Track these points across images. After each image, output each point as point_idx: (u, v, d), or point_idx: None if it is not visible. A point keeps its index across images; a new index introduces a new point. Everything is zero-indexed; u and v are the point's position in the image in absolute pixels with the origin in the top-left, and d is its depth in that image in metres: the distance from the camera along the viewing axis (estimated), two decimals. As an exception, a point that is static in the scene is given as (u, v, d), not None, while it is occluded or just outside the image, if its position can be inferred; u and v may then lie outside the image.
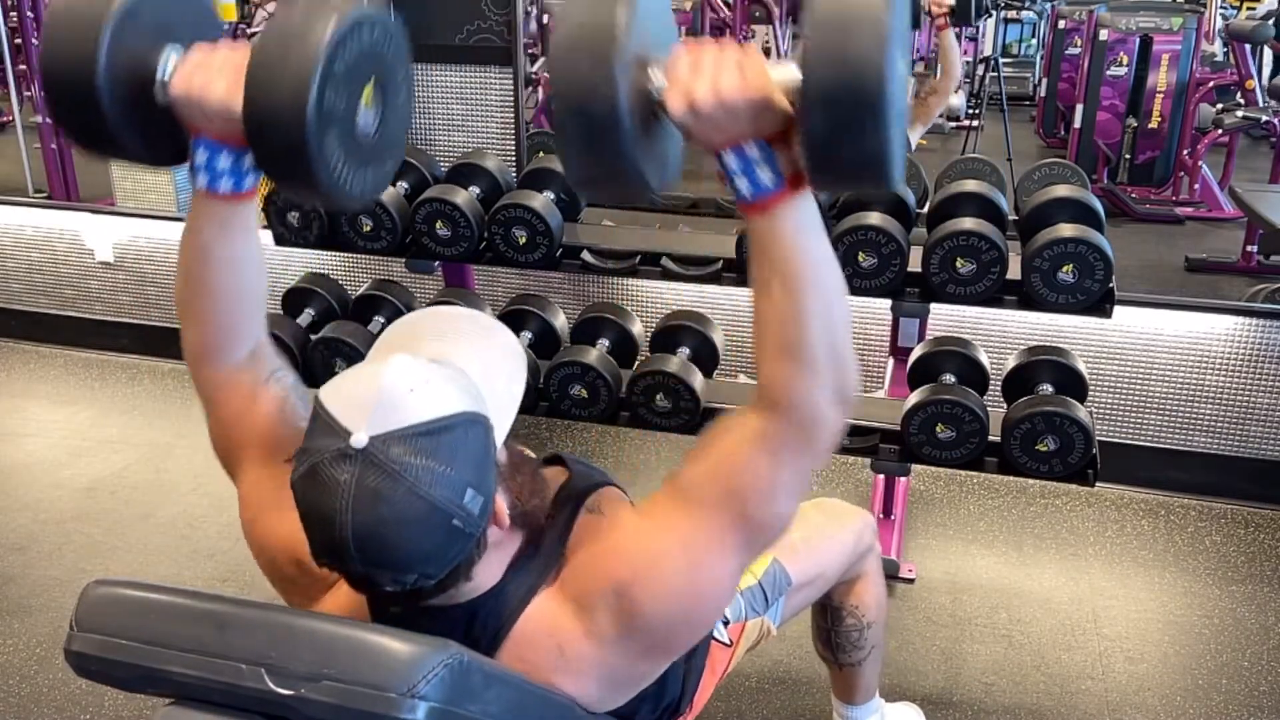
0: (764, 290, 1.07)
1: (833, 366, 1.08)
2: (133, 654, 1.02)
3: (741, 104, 0.98)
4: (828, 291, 1.07)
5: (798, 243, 1.05)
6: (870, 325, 3.21)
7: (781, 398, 1.08)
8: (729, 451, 1.12)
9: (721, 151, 1.02)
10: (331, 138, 1.06)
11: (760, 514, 1.12)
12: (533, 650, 1.12)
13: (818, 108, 0.93)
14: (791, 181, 1.03)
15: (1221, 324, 2.96)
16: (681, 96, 0.99)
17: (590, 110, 0.97)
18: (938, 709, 2.19)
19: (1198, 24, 6.29)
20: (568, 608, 1.13)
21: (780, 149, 1.02)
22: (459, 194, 2.55)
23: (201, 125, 1.12)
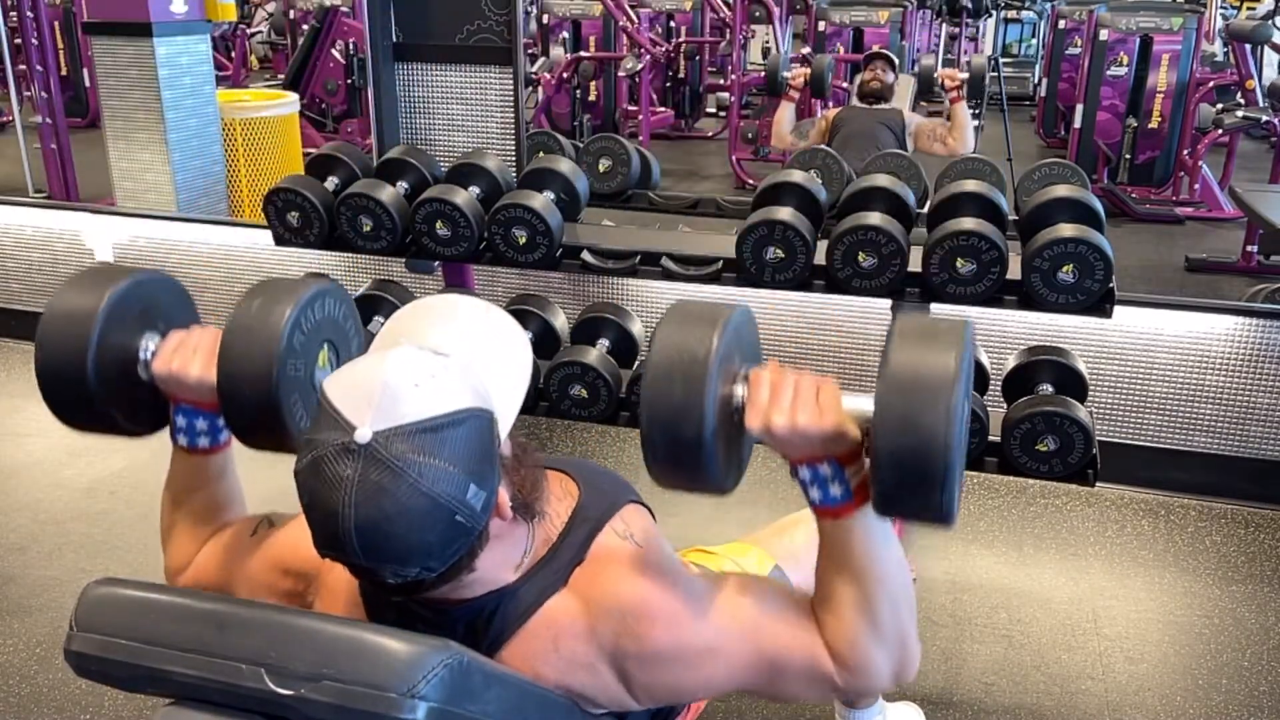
0: (830, 581, 1.15)
1: (899, 647, 1.15)
2: (133, 654, 1.02)
3: (814, 432, 1.07)
4: (894, 588, 1.14)
5: (866, 549, 1.13)
6: (870, 325, 3.21)
7: (848, 652, 1.14)
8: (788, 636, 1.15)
9: (796, 466, 1.11)
10: (294, 399, 1.20)
11: (774, 689, 1.18)
12: (531, 644, 1.12)
13: (887, 466, 1.01)
14: (859, 494, 1.10)
15: (1221, 324, 2.96)
16: (760, 419, 1.08)
17: (680, 432, 1.06)
18: (938, 709, 2.19)
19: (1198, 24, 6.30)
20: (576, 607, 1.13)
21: (850, 467, 1.10)
22: (459, 194, 2.55)
23: (180, 396, 1.27)
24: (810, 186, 2.45)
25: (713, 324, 1.08)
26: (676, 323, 1.10)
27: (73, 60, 8.49)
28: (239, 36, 9.52)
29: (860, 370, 3.29)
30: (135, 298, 1.27)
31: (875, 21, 7.35)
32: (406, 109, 3.12)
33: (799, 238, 2.30)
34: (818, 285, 2.37)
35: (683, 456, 1.07)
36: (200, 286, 3.89)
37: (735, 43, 7.15)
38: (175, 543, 1.38)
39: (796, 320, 3.29)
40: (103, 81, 4.39)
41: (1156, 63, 6.23)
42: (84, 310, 1.23)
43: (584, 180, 2.71)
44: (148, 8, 4.20)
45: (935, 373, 1.00)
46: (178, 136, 4.35)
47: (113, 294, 1.24)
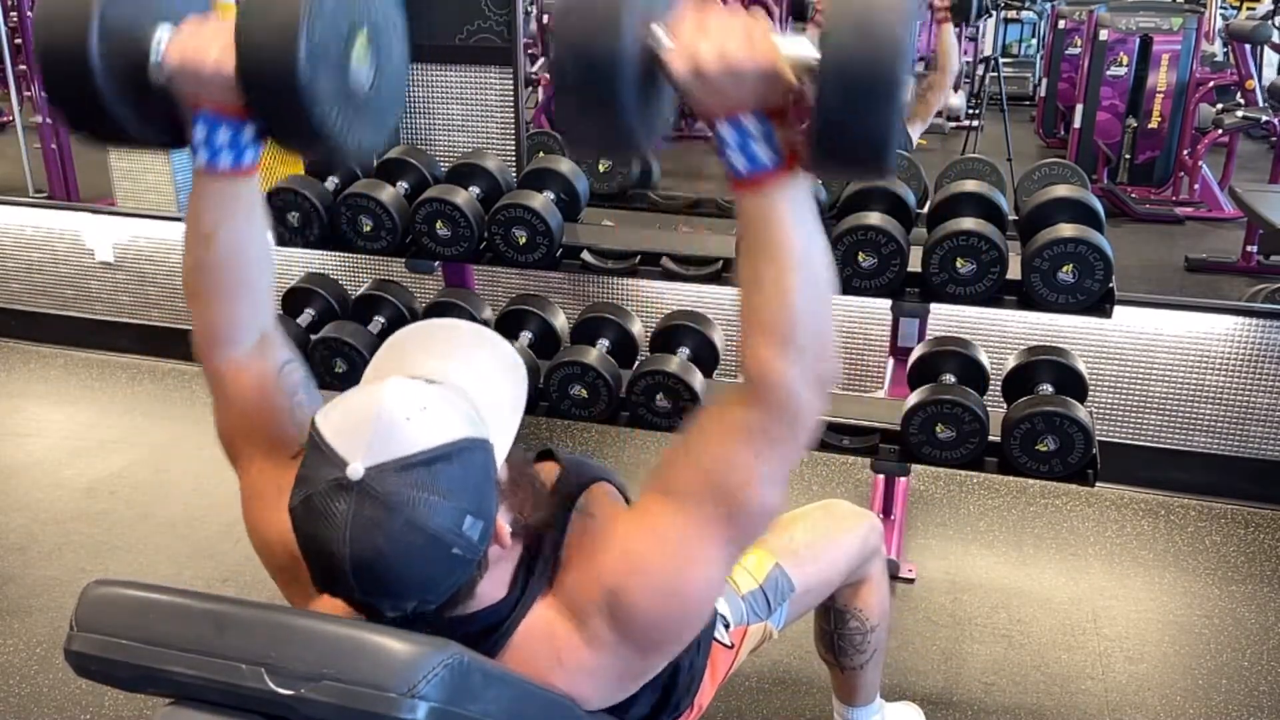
0: (751, 271, 1.06)
1: (815, 350, 1.07)
2: (133, 654, 1.02)
3: (747, 70, 0.96)
4: (816, 274, 1.06)
5: (789, 223, 1.03)
6: (870, 325, 3.21)
7: (762, 381, 1.07)
8: (710, 445, 1.11)
9: (719, 122, 1.00)
10: (325, 82, 1.06)
11: (745, 506, 1.11)
12: (532, 657, 1.12)
13: (834, 82, 0.92)
14: (788, 160, 1.01)
15: (1221, 324, 2.96)
16: (686, 58, 0.97)
17: (594, 58, 0.96)
18: (938, 709, 2.19)
19: (1198, 24, 6.29)
20: (564, 616, 1.13)
21: (779, 126, 1.00)
22: (459, 194, 2.55)
23: (198, 96, 1.11)
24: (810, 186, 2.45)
25: None
26: None
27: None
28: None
29: (860, 370, 3.29)
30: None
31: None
32: (406, 109, 3.12)
33: (799, 238, 2.30)
34: (818, 285, 2.36)
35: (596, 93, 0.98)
36: (200, 286, 3.89)
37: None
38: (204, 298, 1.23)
39: (796, 320, 3.29)
40: (103, 81, 4.38)
41: (1156, 63, 6.22)
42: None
43: (584, 180, 2.71)
44: (148, 8, 4.20)
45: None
46: (178, 136, 4.34)
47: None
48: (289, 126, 1.10)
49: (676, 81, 0.99)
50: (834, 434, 2.50)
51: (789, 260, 1.03)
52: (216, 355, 1.26)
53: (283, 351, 1.30)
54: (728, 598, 1.58)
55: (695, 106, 1.00)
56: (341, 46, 1.10)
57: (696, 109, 1.00)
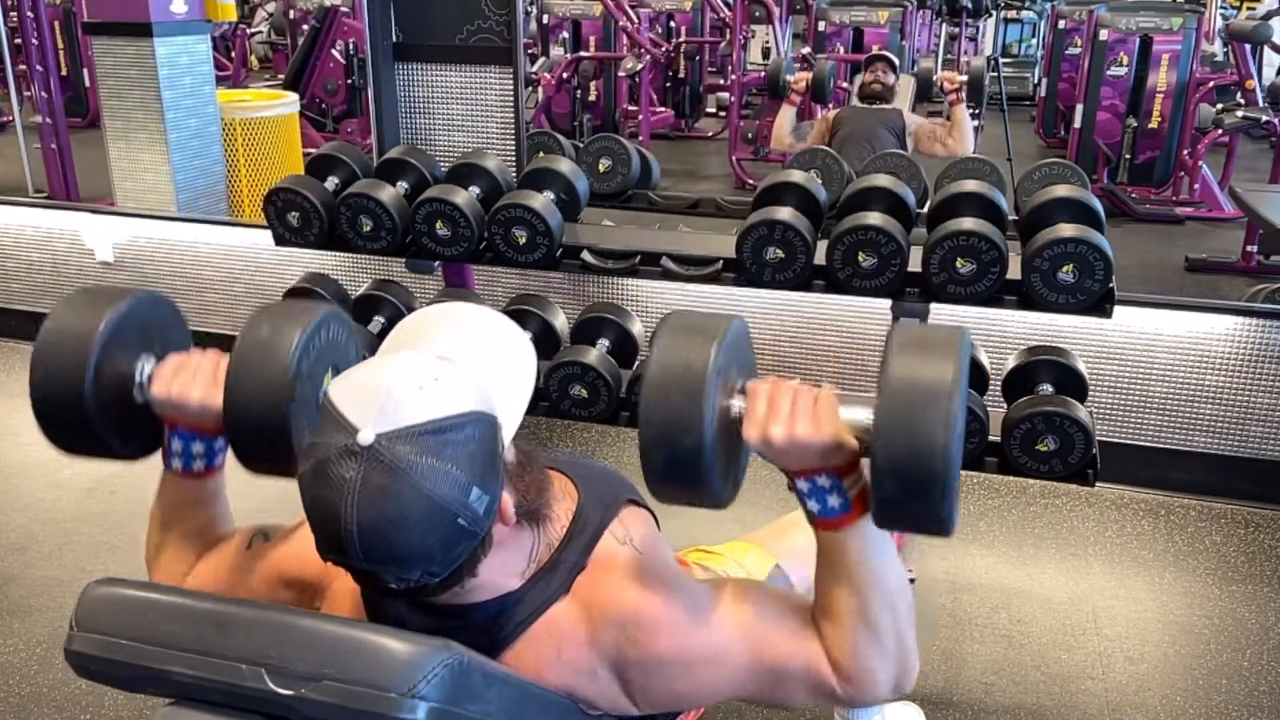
0: (829, 591, 1.14)
1: (899, 656, 1.14)
2: (133, 654, 1.02)
3: (813, 444, 1.07)
4: (892, 597, 1.14)
5: (864, 559, 1.12)
6: (870, 325, 3.21)
7: (848, 662, 1.13)
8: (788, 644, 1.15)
9: (794, 476, 1.11)
10: (301, 425, 1.19)
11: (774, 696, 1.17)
12: (534, 649, 1.12)
13: (886, 474, 1.01)
14: (859, 504, 1.10)
15: (1221, 324, 2.96)
16: (757, 431, 1.08)
17: (679, 443, 1.06)
18: (938, 709, 2.19)
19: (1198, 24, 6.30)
20: (578, 614, 1.13)
21: (848, 478, 1.10)
22: (459, 194, 2.55)
23: (179, 421, 1.24)
24: (810, 186, 2.45)
25: (710, 336, 1.08)
26: (674, 334, 1.10)
27: (73, 60, 8.49)
28: (239, 36, 9.53)
29: (860, 370, 3.29)
30: (133, 318, 1.25)
31: (875, 21, 7.35)
32: (406, 109, 3.12)
33: (799, 238, 2.30)
34: (818, 285, 2.37)
35: (681, 470, 1.07)
36: (200, 286, 3.89)
37: (735, 43, 7.14)
38: (164, 562, 1.35)
39: (796, 320, 3.29)
40: (103, 81, 4.39)
41: (1156, 63, 6.23)
42: (83, 331, 1.21)
43: (584, 180, 2.71)
44: (148, 8, 4.20)
45: (934, 380, 1.00)
46: (178, 136, 4.35)
47: (112, 315, 1.22)
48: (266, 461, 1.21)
49: (749, 446, 1.11)
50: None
51: (867, 589, 1.13)
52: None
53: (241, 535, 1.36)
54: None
55: (770, 461, 1.11)
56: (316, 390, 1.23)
57: (773, 463, 1.11)
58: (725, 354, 1.08)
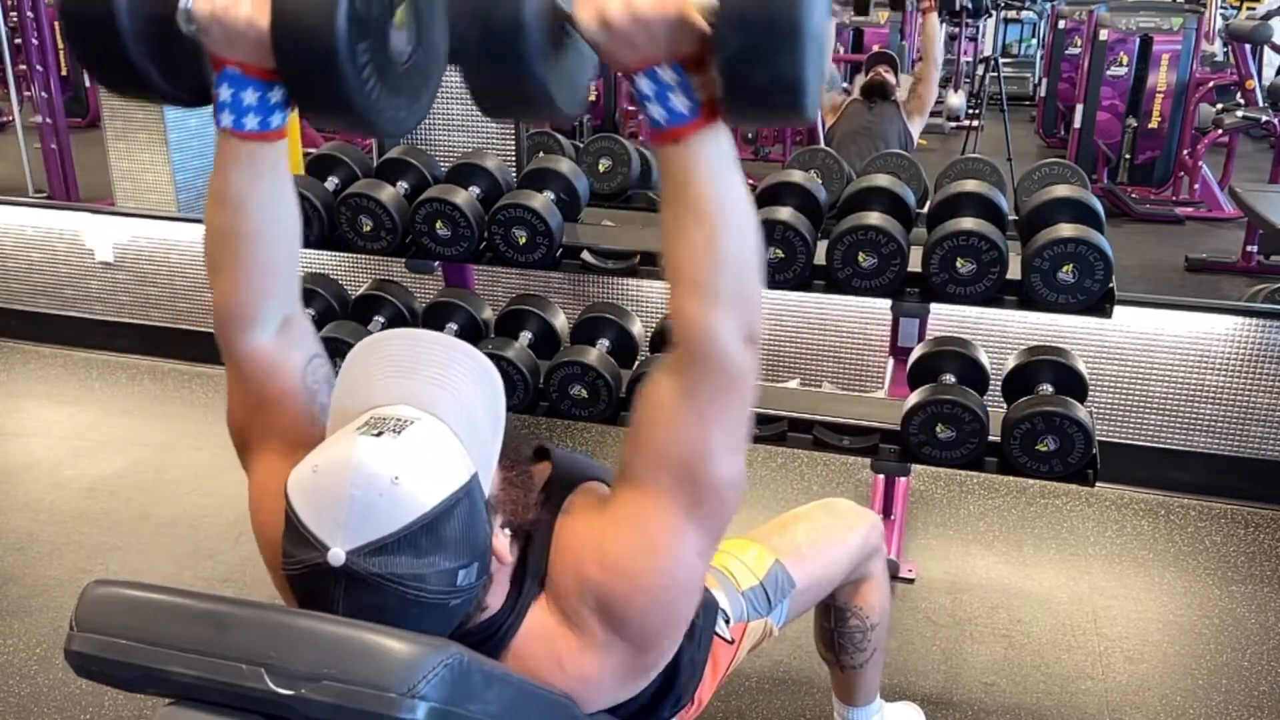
0: (675, 224, 1.04)
1: (741, 302, 1.04)
2: (133, 654, 1.02)
3: (656, 19, 0.94)
4: (739, 225, 1.04)
5: (711, 174, 1.01)
6: (870, 325, 3.21)
7: (692, 339, 1.05)
8: (656, 422, 1.09)
9: (635, 75, 0.98)
10: (363, 51, 1.02)
11: (704, 480, 1.08)
12: (534, 662, 1.12)
13: (734, 25, 0.90)
14: (707, 110, 0.99)
15: (1221, 324, 2.96)
16: (593, 11, 0.95)
17: (494, 16, 0.93)
18: (938, 709, 2.19)
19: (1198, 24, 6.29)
20: (558, 620, 1.12)
21: (696, 75, 0.98)
22: (459, 194, 2.55)
23: (226, 53, 1.06)
24: (810, 186, 2.45)
25: None
26: None
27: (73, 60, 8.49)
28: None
29: (860, 370, 3.29)
30: None
31: (875, 22, 7.35)
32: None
33: (799, 238, 2.30)
34: (818, 285, 2.37)
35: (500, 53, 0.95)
36: (200, 286, 3.89)
37: (735, 43, 7.14)
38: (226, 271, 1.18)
39: (796, 320, 3.29)
40: (103, 81, 4.38)
41: (1156, 63, 6.22)
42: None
43: (584, 180, 2.71)
44: (148, 8, 4.20)
45: None
46: (178, 136, 4.34)
47: None
48: (321, 95, 1.04)
49: (584, 35, 0.97)
50: (834, 434, 2.50)
51: (711, 212, 1.01)
52: (237, 337, 1.19)
53: (309, 344, 1.23)
54: (728, 593, 1.58)
55: (609, 60, 0.98)
56: (383, 11, 1.05)
57: (610, 63, 0.98)
58: None
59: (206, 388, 3.69)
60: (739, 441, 1.09)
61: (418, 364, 1.08)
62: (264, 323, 1.19)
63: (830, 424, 2.51)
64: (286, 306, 1.21)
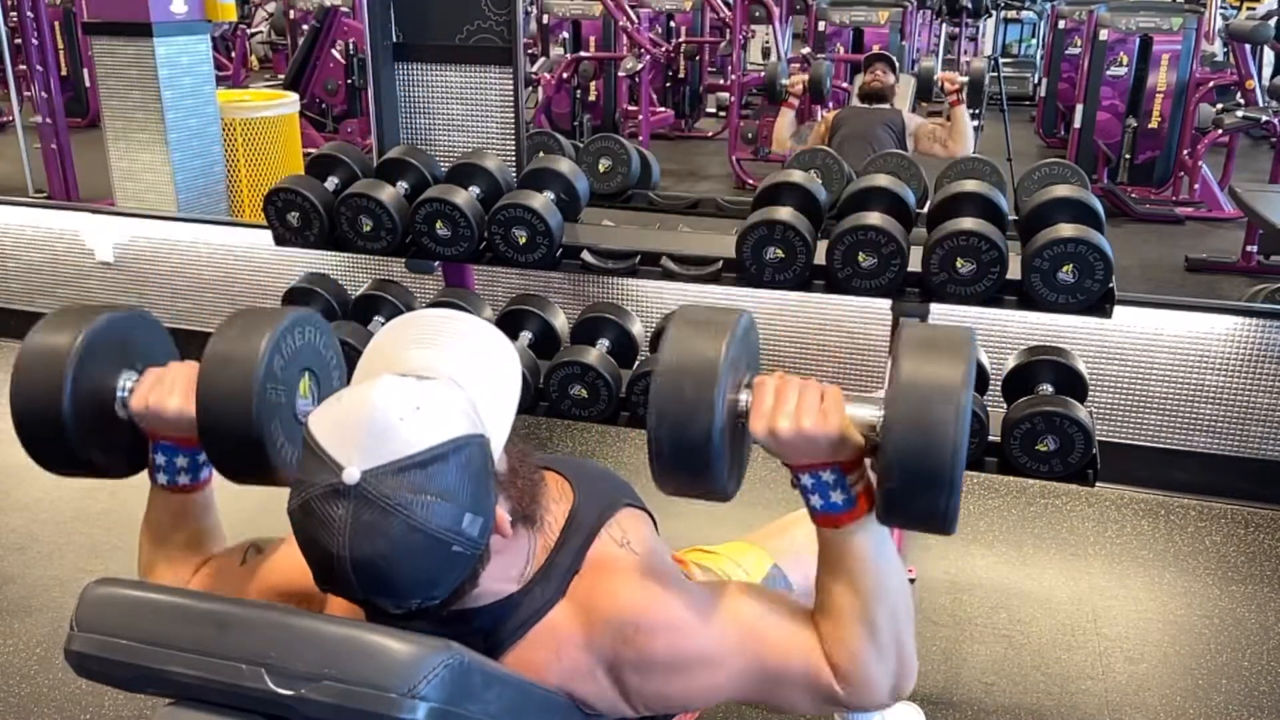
0: (830, 592, 1.14)
1: (898, 659, 1.14)
2: (133, 654, 1.02)
3: (819, 437, 1.08)
4: (894, 600, 1.14)
5: (866, 558, 1.12)
6: (870, 325, 3.21)
7: (848, 664, 1.13)
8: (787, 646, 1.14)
9: (798, 471, 1.11)
10: (274, 428, 1.19)
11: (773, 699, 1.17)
12: (533, 652, 1.12)
13: (894, 464, 1.02)
14: (862, 501, 1.11)
15: (1221, 324, 2.96)
16: (764, 423, 1.09)
17: (688, 433, 1.07)
18: (938, 709, 2.19)
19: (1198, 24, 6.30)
20: (574, 617, 1.13)
21: (853, 473, 1.10)
22: (459, 194, 2.55)
23: (160, 432, 1.25)
24: (810, 186, 2.45)
25: (723, 328, 1.10)
26: (686, 326, 1.12)
27: (73, 60, 8.49)
28: (239, 36, 9.52)
29: (860, 370, 3.29)
30: (111, 335, 1.25)
31: (875, 21, 7.35)
32: (406, 109, 3.12)
33: (799, 238, 2.30)
34: (818, 285, 2.37)
35: (689, 458, 1.08)
36: (200, 286, 3.89)
37: (735, 43, 7.14)
38: (156, 579, 1.34)
39: (796, 320, 3.29)
40: (103, 81, 4.39)
41: (1156, 63, 6.23)
42: (58, 349, 1.21)
43: (584, 180, 2.70)
44: (148, 8, 4.20)
45: (945, 375, 1.03)
46: (178, 136, 4.35)
47: (88, 332, 1.22)
48: (243, 466, 1.21)
49: (755, 439, 1.12)
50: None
51: (868, 589, 1.12)
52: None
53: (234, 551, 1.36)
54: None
55: (774, 455, 1.11)
56: (291, 394, 1.24)
57: (776, 457, 1.12)
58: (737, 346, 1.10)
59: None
60: None
61: (442, 337, 1.14)
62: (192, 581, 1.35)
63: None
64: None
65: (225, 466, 1.23)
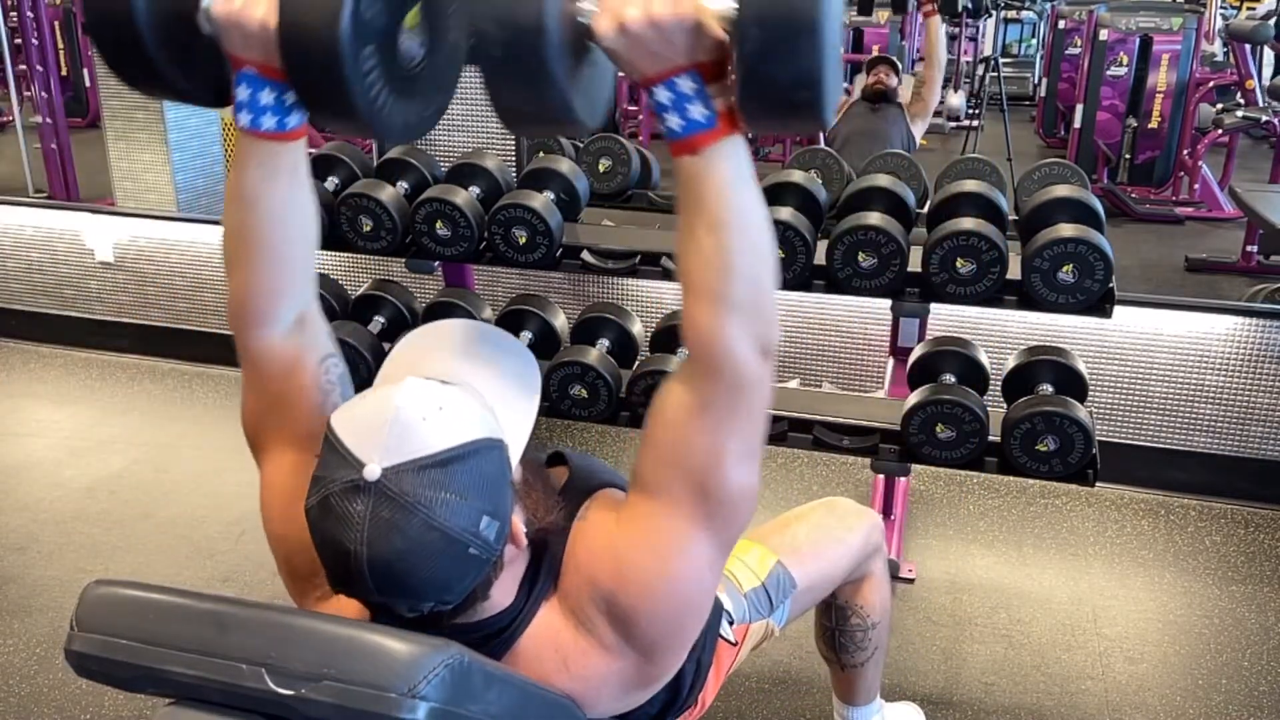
0: (690, 234, 1.05)
1: (755, 313, 1.05)
2: (133, 654, 1.02)
3: (673, 25, 0.96)
4: (754, 236, 1.04)
5: (727, 183, 1.02)
6: (870, 325, 3.21)
7: (704, 348, 1.05)
8: (669, 431, 1.10)
9: (653, 85, 1.00)
10: (369, 55, 1.02)
11: (717, 490, 1.09)
12: (539, 661, 1.12)
13: (752, 26, 0.91)
14: (724, 120, 1.00)
15: (1221, 324, 2.96)
16: (611, 18, 0.97)
17: (518, 30, 0.94)
18: (938, 709, 2.19)
19: (1198, 24, 6.29)
20: (568, 621, 1.13)
21: (713, 84, 0.99)
22: (459, 194, 2.55)
23: (243, 54, 1.07)
24: (810, 186, 2.45)
25: None
26: None
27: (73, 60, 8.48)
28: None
29: (861, 371, 3.29)
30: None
31: (875, 22, 7.35)
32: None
33: (799, 238, 2.30)
34: (818, 285, 2.37)
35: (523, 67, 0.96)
36: (200, 286, 3.89)
37: (735, 43, 7.14)
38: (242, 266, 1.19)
39: (796, 320, 3.29)
40: (103, 81, 4.39)
41: (1156, 63, 6.22)
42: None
43: (584, 180, 2.71)
44: (148, 8, 4.20)
45: None
46: (178, 136, 4.34)
47: None
48: (326, 101, 1.05)
49: (604, 44, 0.99)
50: (834, 434, 2.50)
51: (728, 223, 1.02)
52: (252, 333, 1.20)
53: (324, 343, 1.24)
54: (730, 595, 1.58)
55: (627, 70, 1.00)
56: (394, 19, 1.06)
57: (629, 73, 1.00)
58: None
59: (206, 388, 3.69)
60: (752, 452, 1.10)
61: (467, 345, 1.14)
62: (278, 320, 1.20)
63: (831, 424, 2.51)
64: (302, 304, 1.22)
65: (306, 96, 1.06)
